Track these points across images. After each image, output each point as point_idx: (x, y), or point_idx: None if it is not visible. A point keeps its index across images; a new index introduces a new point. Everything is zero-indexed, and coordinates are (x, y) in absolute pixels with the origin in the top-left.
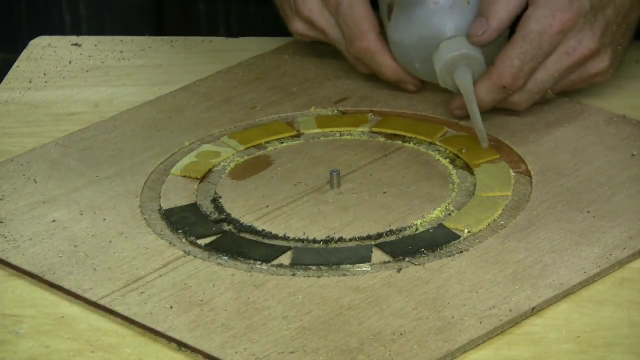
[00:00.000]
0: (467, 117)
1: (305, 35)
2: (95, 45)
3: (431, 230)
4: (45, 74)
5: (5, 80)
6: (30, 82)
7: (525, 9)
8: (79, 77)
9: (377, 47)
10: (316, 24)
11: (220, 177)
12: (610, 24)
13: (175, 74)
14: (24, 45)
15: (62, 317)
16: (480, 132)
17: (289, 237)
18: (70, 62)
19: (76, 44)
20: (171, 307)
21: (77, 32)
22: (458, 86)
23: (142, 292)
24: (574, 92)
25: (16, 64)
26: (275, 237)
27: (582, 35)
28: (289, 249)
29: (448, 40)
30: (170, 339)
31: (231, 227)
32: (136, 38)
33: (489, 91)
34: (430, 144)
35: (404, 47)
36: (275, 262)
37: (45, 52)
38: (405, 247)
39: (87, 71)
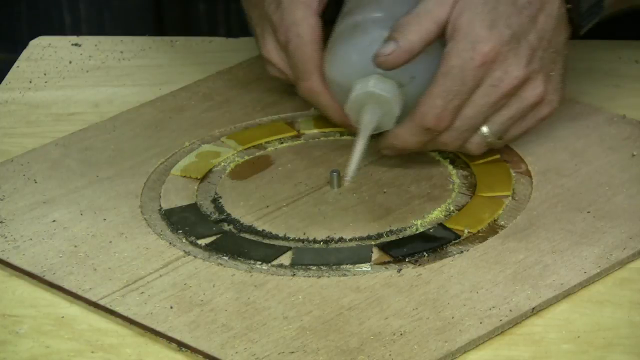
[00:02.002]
0: (399, 153)
1: (271, 75)
2: (95, 45)
3: (431, 230)
4: (45, 74)
5: (5, 80)
6: (30, 82)
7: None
8: (79, 77)
9: (320, 87)
10: (275, 65)
11: (220, 177)
12: (535, 50)
13: (175, 74)
14: (24, 45)
15: (62, 317)
16: (350, 170)
17: (288, 237)
18: (70, 62)
19: (76, 44)
20: (171, 307)
21: (77, 32)
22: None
23: (142, 292)
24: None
25: (16, 64)
26: (275, 237)
27: (506, 64)
28: (289, 249)
29: (364, 78)
30: (170, 339)
31: (231, 227)
32: (136, 38)
33: (412, 133)
34: None
35: (336, 85)
36: (275, 262)
37: (45, 52)
38: (405, 247)
39: (87, 71)
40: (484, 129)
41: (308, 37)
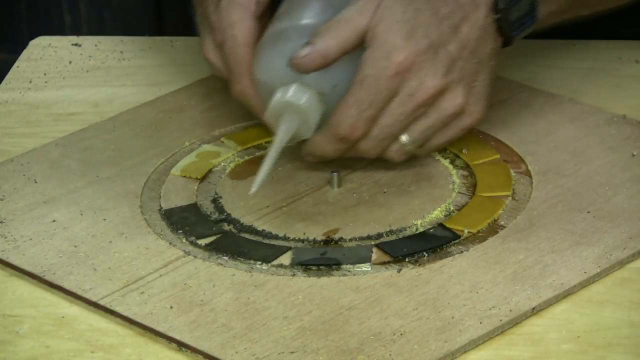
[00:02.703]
0: (320, 160)
1: (215, 74)
2: (95, 45)
3: (431, 230)
4: (45, 74)
5: (5, 80)
6: (30, 82)
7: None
8: (79, 77)
9: (251, 90)
10: (213, 64)
11: (220, 177)
12: (455, 60)
13: (175, 74)
14: (24, 45)
15: (62, 317)
16: (259, 179)
17: (288, 237)
18: (70, 62)
19: (76, 44)
20: (171, 307)
21: (77, 32)
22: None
23: (142, 292)
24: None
25: (16, 64)
26: (275, 237)
27: (422, 74)
28: (289, 249)
29: (285, 87)
30: (170, 339)
31: (231, 227)
32: (136, 38)
33: (329, 142)
34: None
35: (262, 90)
36: (275, 262)
37: (45, 52)
38: (405, 247)
39: (87, 71)
40: (404, 138)
41: (242, 40)
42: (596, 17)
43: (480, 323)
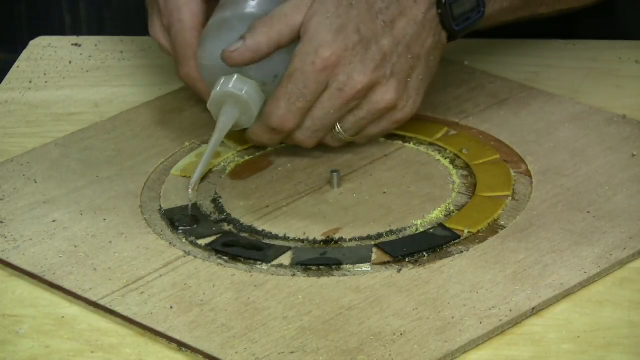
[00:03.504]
0: (264, 145)
1: (163, 53)
2: (95, 45)
3: (431, 230)
4: (45, 74)
5: (5, 80)
6: (30, 82)
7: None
8: (79, 77)
9: (197, 75)
10: (162, 46)
11: (220, 177)
12: (387, 55)
13: (175, 74)
14: (24, 45)
15: (62, 317)
16: (198, 170)
17: (288, 237)
18: (70, 62)
19: (76, 44)
20: (171, 307)
21: (77, 32)
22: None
23: (142, 292)
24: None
25: (16, 64)
26: (275, 237)
27: (350, 69)
28: (289, 249)
29: (226, 77)
30: (170, 339)
31: (231, 227)
32: (136, 38)
33: (264, 132)
34: (430, 144)
35: (206, 77)
36: (275, 262)
37: (45, 52)
38: (405, 247)
39: (87, 71)
40: (338, 128)
41: (188, 23)
42: (596, 18)
43: (480, 323)
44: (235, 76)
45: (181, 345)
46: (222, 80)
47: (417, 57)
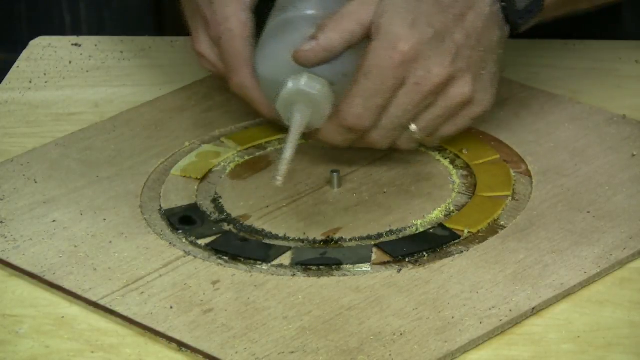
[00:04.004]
0: (334, 145)
1: (204, 68)
2: (95, 45)
3: (431, 230)
4: (45, 74)
5: (5, 80)
6: (30, 82)
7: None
8: (79, 77)
9: (250, 82)
10: (207, 59)
11: (220, 177)
12: (460, 48)
13: (175, 74)
14: (24, 45)
15: (62, 317)
16: (279, 169)
17: (288, 237)
18: (70, 62)
19: (76, 44)
20: (171, 307)
21: (77, 32)
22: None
23: (142, 292)
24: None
25: (16, 64)
26: (275, 237)
27: (427, 62)
28: (289, 249)
29: (293, 75)
30: (170, 339)
31: (231, 227)
32: (136, 38)
33: (337, 131)
34: None
35: (266, 81)
36: (275, 262)
37: (45, 52)
38: (405, 247)
39: (87, 71)
40: (411, 127)
41: (238, 32)
42: (596, 18)
43: (480, 323)
44: (305, 74)
45: (181, 345)
46: (290, 80)
47: (485, 50)
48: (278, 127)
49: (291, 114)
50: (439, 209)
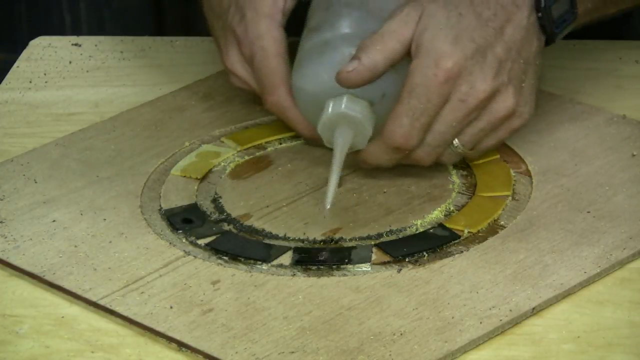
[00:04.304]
0: (380, 166)
1: (235, 86)
2: (95, 45)
3: (431, 230)
4: (45, 74)
5: (5, 80)
6: (30, 82)
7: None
8: (79, 77)
9: (288, 102)
10: (240, 77)
11: (220, 177)
12: (503, 62)
13: (175, 74)
14: (24, 45)
15: (62, 317)
16: (329, 195)
17: (289, 237)
18: (70, 62)
19: (76, 44)
20: (171, 307)
21: (77, 32)
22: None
23: (142, 292)
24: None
25: (16, 64)
26: (275, 237)
27: (472, 78)
28: (289, 249)
29: (335, 98)
30: (170, 339)
31: (231, 227)
32: (136, 38)
33: (384, 152)
34: None
35: (306, 103)
36: (275, 262)
37: (45, 52)
38: (405, 247)
39: (87, 71)
40: (456, 142)
41: (272, 51)
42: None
43: (480, 323)
44: (346, 97)
45: (181, 345)
46: (332, 103)
47: (527, 62)
48: (278, 127)
49: (336, 138)
50: (439, 209)
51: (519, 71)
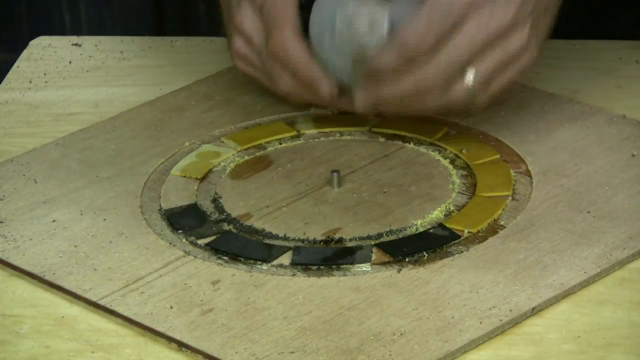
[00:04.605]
0: (378, 101)
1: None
2: (95, 45)
3: (431, 230)
4: (45, 74)
5: (5, 80)
6: (30, 82)
7: None
8: (79, 77)
9: (293, 41)
10: (245, 33)
11: (220, 177)
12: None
13: (175, 74)
14: (24, 45)
15: (62, 317)
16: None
17: (288, 237)
18: (70, 62)
19: (76, 44)
20: (171, 307)
21: (77, 32)
22: (342, 26)
23: (142, 292)
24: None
25: (16, 64)
26: (275, 237)
27: (495, 6)
28: (289, 249)
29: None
30: (170, 339)
31: (231, 227)
32: (136, 38)
33: (395, 55)
34: (430, 144)
35: (317, 34)
36: (275, 262)
37: (45, 52)
38: (405, 247)
39: (87, 71)
40: (468, 73)
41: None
42: (596, 17)
43: (480, 323)
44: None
45: (181, 345)
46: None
47: (547, 7)
48: (278, 127)
49: (350, 27)
50: (439, 209)
51: (540, 11)
